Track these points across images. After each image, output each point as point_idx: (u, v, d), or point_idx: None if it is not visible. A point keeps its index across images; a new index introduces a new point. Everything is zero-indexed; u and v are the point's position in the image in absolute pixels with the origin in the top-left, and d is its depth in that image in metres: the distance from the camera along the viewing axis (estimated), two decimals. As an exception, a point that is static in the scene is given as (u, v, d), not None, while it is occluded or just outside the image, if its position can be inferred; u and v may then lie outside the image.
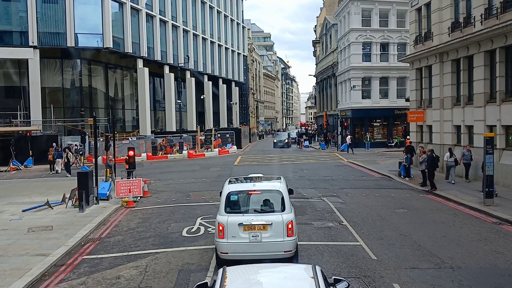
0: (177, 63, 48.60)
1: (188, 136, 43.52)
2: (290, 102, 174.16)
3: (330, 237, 12.14)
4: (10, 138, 32.97)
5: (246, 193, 9.88)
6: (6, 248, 11.70)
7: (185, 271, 9.82)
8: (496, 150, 17.48)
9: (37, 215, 15.70)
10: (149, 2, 45.32)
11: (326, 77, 61.60)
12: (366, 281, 8.92)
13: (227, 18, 65.93)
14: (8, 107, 35.15)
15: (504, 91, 19.23)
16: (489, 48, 19.81)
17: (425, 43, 25.81)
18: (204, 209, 16.09)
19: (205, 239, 12.12)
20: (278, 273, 5.80)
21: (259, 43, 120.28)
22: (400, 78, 43.89)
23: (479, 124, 20.74)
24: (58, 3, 37.37)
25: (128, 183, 18.36)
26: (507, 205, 15.31)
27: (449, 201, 16.88)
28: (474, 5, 20.88)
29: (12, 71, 37.92)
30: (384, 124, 45.91)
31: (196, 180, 23.90)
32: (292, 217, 9.41)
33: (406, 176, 22.60)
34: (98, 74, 43.29)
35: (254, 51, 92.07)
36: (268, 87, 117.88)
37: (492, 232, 12.47)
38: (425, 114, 26.45)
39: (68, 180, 22.77)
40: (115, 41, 39.75)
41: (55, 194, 18.64)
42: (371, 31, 43.85)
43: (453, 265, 9.76)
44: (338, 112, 51.16)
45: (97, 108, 41.48)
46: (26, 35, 36.35)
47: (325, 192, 19.09)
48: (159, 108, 53.03)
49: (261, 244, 9.11)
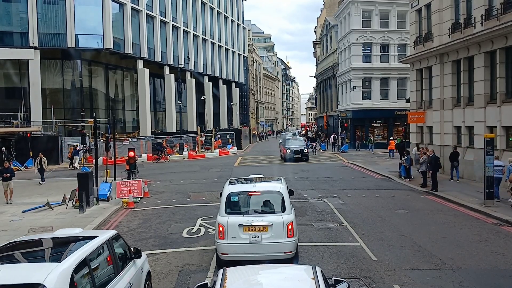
0: (178, 64, 48.62)
1: (189, 137, 43.54)
2: (290, 103, 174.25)
3: (331, 238, 12.14)
4: (10, 138, 32.99)
5: (247, 194, 9.88)
6: (6, 248, 11.69)
7: (185, 272, 9.81)
8: (496, 151, 17.47)
9: (37, 215, 15.71)
10: (150, 3, 45.35)
11: (326, 78, 61.61)
12: (367, 282, 8.91)
13: (227, 19, 65.97)
14: (8, 108, 35.16)
15: (505, 92, 19.23)
16: (489, 49, 19.81)
17: (425, 44, 25.81)
18: (204, 210, 16.08)
19: (205, 240, 12.12)
20: (278, 274, 5.81)
21: (260, 44, 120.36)
22: (401, 79, 43.92)
23: (479, 125, 20.73)
24: (59, 4, 37.39)
25: (129, 184, 18.38)
26: (507, 206, 15.29)
27: (450, 202, 16.87)
28: (474, 6, 20.89)
29: (12, 72, 37.94)
30: (385, 125, 45.94)
31: (196, 181, 23.89)
32: (292, 218, 9.40)
33: (407, 177, 22.59)
34: (99, 75, 43.31)
35: (255, 52, 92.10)
36: (269, 88, 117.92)
37: (493, 233, 12.46)
38: (425, 115, 26.45)
39: (69, 181, 22.75)
40: (115, 42, 39.77)
41: (55, 195, 18.66)
42: (371, 32, 43.89)
43: (453, 266, 9.75)
44: (338, 113, 51.17)
45: (97, 109, 41.49)
46: (26, 36, 36.36)
47: (326, 193, 19.09)
48: (160, 109, 53.05)
49: (262, 245, 9.11)
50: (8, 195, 18.40)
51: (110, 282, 6.10)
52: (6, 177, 18.51)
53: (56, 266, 5.22)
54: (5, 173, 18.65)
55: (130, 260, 7.17)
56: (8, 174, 18.63)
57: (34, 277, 4.96)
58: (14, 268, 5.52)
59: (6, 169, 18.94)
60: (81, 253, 5.74)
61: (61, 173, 29.09)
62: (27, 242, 6.99)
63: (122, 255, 7.00)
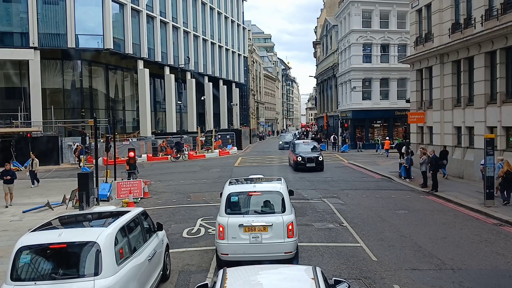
0: (178, 64, 48.61)
1: (189, 137, 43.54)
2: (291, 103, 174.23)
3: (331, 238, 12.13)
4: (10, 139, 33.00)
5: (247, 194, 9.88)
6: (6, 249, 11.68)
7: (185, 272, 9.81)
8: (496, 151, 17.48)
9: (37, 216, 15.70)
10: (150, 3, 45.35)
11: (326, 78, 61.61)
12: (367, 282, 8.91)
13: (227, 19, 65.98)
14: (8, 108, 35.17)
15: (505, 93, 19.24)
16: (489, 49, 19.81)
17: (425, 44, 25.82)
18: (204, 210, 16.09)
19: (206, 240, 12.12)
20: (278, 274, 5.82)
21: (260, 44, 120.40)
22: (401, 79, 43.93)
23: (479, 125, 20.73)
24: (59, 4, 37.39)
25: (129, 184, 18.38)
26: (508, 206, 15.30)
27: (450, 202, 16.87)
28: (474, 6, 20.89)
29: (12, 72, 37.95)
30: (385, 125, 45.94)
31: (196, 181, 23.90)
32: (292, 218, 9.40)
33: (407, 177, 22.60)
34: (99, 75, 43.30)
35: (255, 52, 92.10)
36: (269, 88, 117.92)
37: (493, 234, 12.46)
38: (425, 115, 26.46)
39: (69, 181, 22.76)
40: (115, 42, 39.77)
41: (56, 195, 18.65)
42: (371, 32, 43.90)
43: (453, 267, 9.75)
44: (338, 113, 51.17)
45: (97, 109, 41.46)
46: (26, 36, 36.36)
47: (326, 193, 19.10)
48: (160, 109, 53.04)
49: (262, 245, 9.11)
50: (8, 199, 17.80)
51: (140, 246, 7.90)
52: (7, 180, 17.87)
53: (104, 229, 6.98)
54: (6, 176, 17.97)
55: (154, 233, 8.96)
56: (9, 177, 17.93)
57: (89, 237, 6.75)
58: (73, 231, 7.44)
59: (8, 172, 18.24)
60: (120, 222, 7.50)
61: (62, 173, 29.12)
62: (77, 215, 9.56)
63: (148, 227, 8.76)
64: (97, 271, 6.34)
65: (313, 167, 27.21)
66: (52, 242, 6.65)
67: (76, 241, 6.72)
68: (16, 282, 6.31)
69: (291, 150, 30.93)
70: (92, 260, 6.43)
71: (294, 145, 31.18)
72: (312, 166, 27.22)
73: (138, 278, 7.26)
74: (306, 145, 31.04)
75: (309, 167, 27.14)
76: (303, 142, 32.47)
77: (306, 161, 27.29)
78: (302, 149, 29.41)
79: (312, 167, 27.20)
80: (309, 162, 27.26)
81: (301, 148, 29.59)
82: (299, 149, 29.30)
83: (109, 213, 8.55)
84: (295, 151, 29.18)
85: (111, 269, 6.49)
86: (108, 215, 8.34)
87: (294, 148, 30.36)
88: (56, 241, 6.64)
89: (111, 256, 6.61)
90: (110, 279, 6.36)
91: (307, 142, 32.87)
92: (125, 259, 7.03)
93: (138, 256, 7.57)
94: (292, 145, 32.96)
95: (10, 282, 6.34)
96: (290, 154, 31.18)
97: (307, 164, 27.21)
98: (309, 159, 27.35)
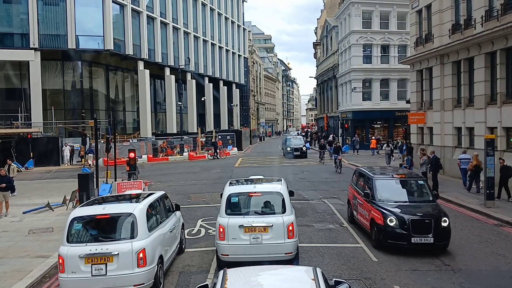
0: (178, 65, 48.63)
1: (189, 138, 43.53)
2: (291, 104, 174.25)
3: (331, 239, 12.13)
4: (11, 140, 32.99)
5: (247, 195, 9.89)
6: (6, 250, 11.70)
7: (185, 273, 9.81)
8: (496, 152, 17.47)
9: (37, 217, 15.70)
10: (150, 4, 45.39)
11: (326, 79, 61.62)
12: (367, 283, 8.90)
13: (227, 20, 66.03)
14: (9, 109, 35.16)
15: (505, 93, 19.23)
16: (489, 50, 19.82)
17: (425, 45, 25.82)
18: (204, 211, 16.09)
19: (206, 241, 12.12)
20: (278, 275, 5.83)
21: (260, 45, 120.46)
22: (401, 80, 43.91)
23: (479, 126, 20.72)
24: (59, 5, 37.43)
25: (129, 184, 18.36)
26: (508, 207, 15.30)
27: (450, 203, 16.85)
28: (474, 7, 20.90)
29: (13, 73, 37.98)
30: (385, 126, 45.93)
31: (196, 182, 23.89)
32: (292, 219, 9.40)
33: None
34: (99, 76, 43.33)
35: (255, 53, 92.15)
36: (269, 89, 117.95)
37: (493, 234, 12.45)
38: (425, 116, 26.45)
39: (69, 182, 22.76)
40: (116, 43, 39.80)
41: (56, 196, 18.64)
42: (371, 33, 43.90)
43: (454, 267, 9.75)
44: (339, 114, 51.16)
45: (97, 110, 41.48)
46: (27, 37, 36.40)
47: (326, 194, 19.09)
48: (160, 110, 53.06)
49: (262, 246, 9.11)
50: (4, 208, 16.00)
51: (163, 222, 9.88)
52: (1, 188, 15.82)
53: (138, 204, 9.13)
54: (1, 183, 15.88)
55: (172, 212, 10.88)
56: (4, 184, 15.90)
57: (127, 210, 8.83)
58: (114, 205, 9.46)
59: (2, 178, 16.12)
60: (149, 200, 9.63)
61: (62, 174, 29.12)
62: (116, 196, 12.86)
63: (168, 207, 10.76)
64: (133, 235, 8.30)
65: (298, 155, 36.91)
66: (98, 213, 8.72)
67: (117, 212, 8.75)
68: (71, 244, 8.19)
69: (283, 143, 41.91)
70: (129, 227, 8.42)
71: (286, 140, 41.54)
72: (298, 154, 36.93)
73: (163, 244, 9.21)
74: (295, 139, 41.17)
75: (295, 155, 36.92)
76: (293, 138, 42.57)
77: (293, 150, 37.28)
78: (292, 142, 39.31)
79: (298, 155, 36.91)
80: (296, 151, 37.15)
81: (292, 142, 39.54)
82: (289, 142, 39.31)
83: (139, 194, 10.88)
84: (286, 144, 39.75)
85: (144, 234, 8.42)
86: (139, 195, 10.58)
87: (285, 141, 40.73)
88: (101, 213, 8.70)
89: (144, 225, 8.56)
90: (143, 242, 8.27)
91: (295, 137, 43.27)
92: (153, 228, 9.00)
93: (162, 227, 9.55)
94: (284, 139, 43.83)
95: (66, 244, 8.20)
96: (283, 146, 42.35)
97: (294, 153, 37.06)
98: (296, 149, 37.37)
